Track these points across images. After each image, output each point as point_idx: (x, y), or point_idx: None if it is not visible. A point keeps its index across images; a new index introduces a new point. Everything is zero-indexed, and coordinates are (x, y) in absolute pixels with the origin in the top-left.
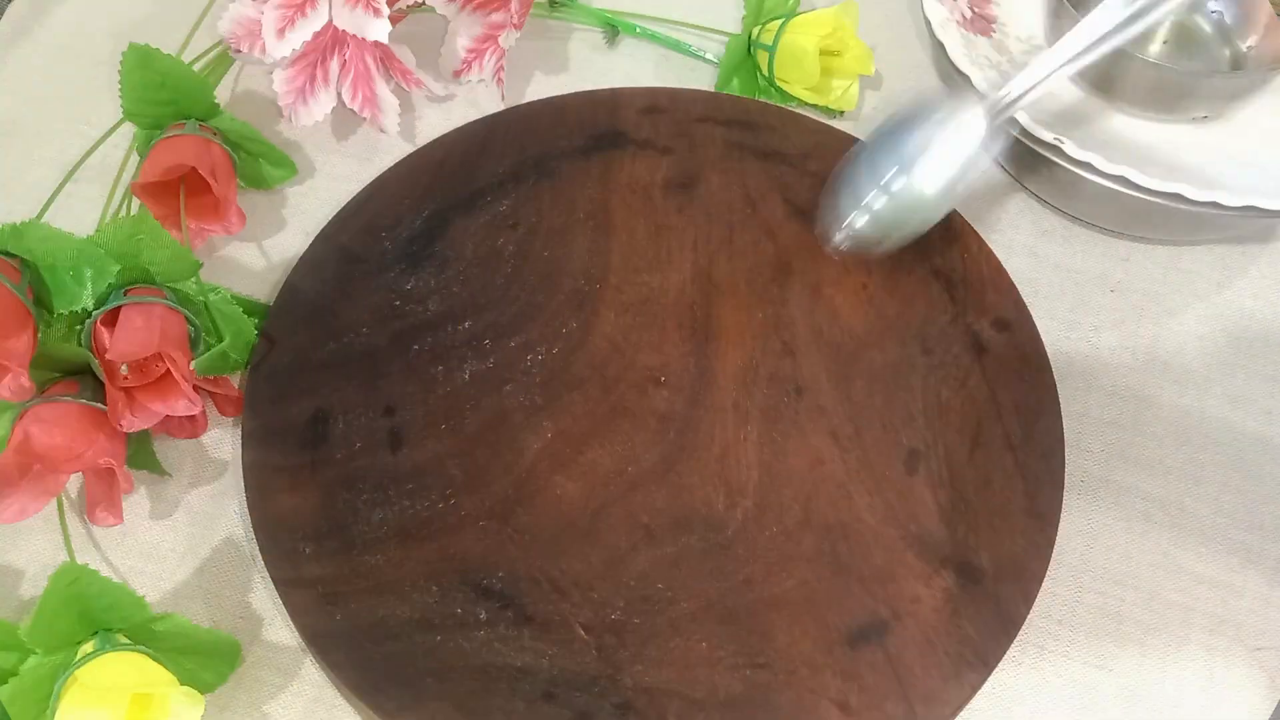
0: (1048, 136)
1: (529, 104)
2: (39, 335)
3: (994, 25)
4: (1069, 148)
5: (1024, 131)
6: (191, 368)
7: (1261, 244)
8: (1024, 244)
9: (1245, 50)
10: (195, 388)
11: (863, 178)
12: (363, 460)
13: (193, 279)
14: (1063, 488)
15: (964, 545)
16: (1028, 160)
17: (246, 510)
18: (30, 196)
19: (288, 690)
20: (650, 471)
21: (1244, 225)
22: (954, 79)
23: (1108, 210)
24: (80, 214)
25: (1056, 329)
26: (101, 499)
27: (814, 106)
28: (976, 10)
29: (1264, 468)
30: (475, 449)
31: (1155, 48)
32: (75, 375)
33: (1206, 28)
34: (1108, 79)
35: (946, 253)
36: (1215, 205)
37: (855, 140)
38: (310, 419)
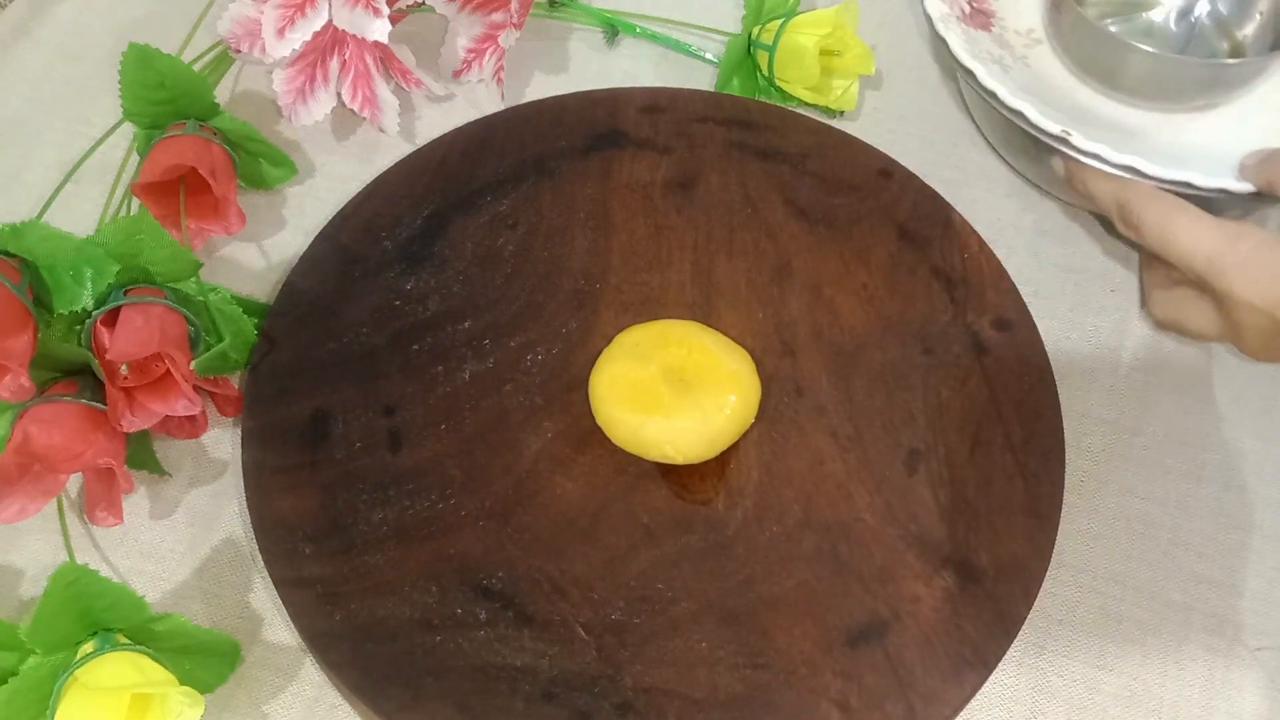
0: (1055, 129)
1: (529, 104)
2: (39, 335)
3: (993, 20)
4: (1076, 139)
5: (1031, 124)
6: (191, 367)
7: None
8: (1024, 244)
9: (1241, 39)
10: (195, 388)
11: None
12: (363, 460)
13: (193, 279)
14: (1063, 488)
15: (964, 545)
16: (1031, 152)
17: (246, 510)
18: (30, 196)
19: (288, 690)
20: (650, 471)
21: (1246, 211)
22: (957, 75)
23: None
24: (80, 214)
25: (1056, 329)
26: (101, 499)
27: (814, 106)
28: (975, 5)
29: (1264, 468)
30: (475, 449)
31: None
32: (75, 375)
33: (1205, 20)
34: (1109, 70)
35: (946, 253)
36: (1223, 192)
37: (855, 140)
38: (310, 419)
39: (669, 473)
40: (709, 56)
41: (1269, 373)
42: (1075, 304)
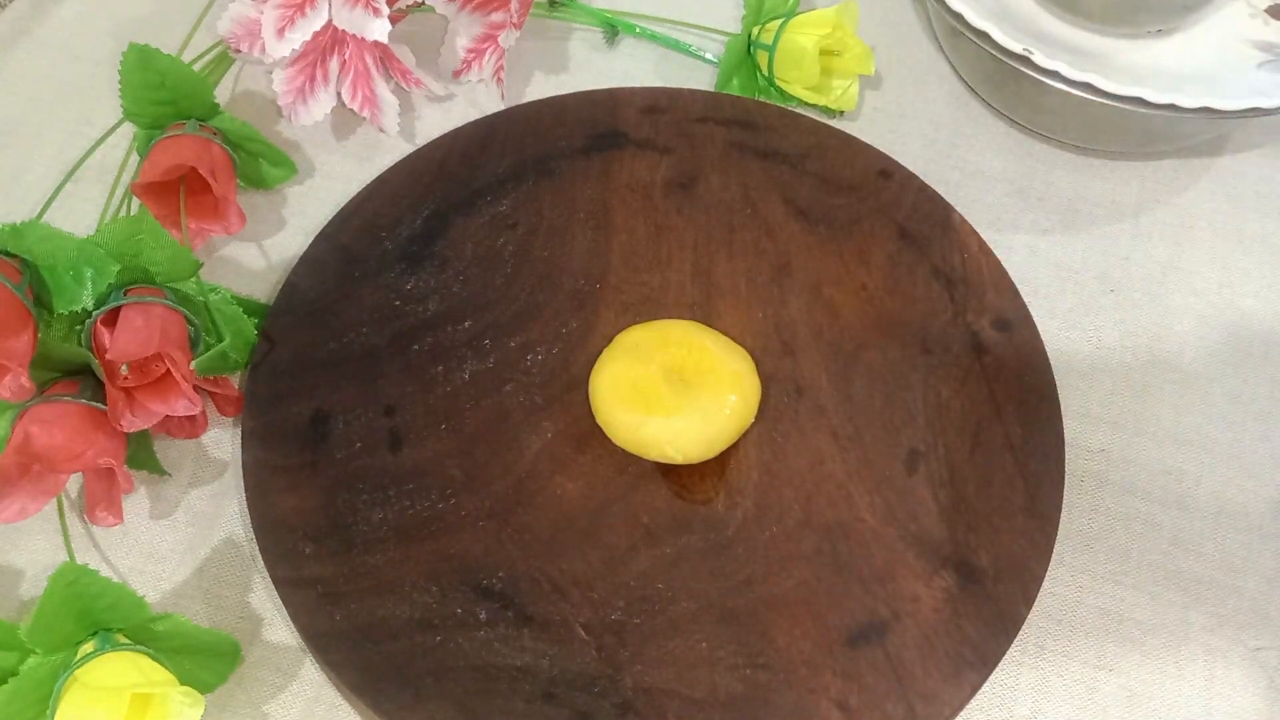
0: (1017, 47)
1: (529, 104)
2: (39, 335)
3: None
4: (1037, 57)
5: (994, 44)
6: (191, 368)
7: (1257, 242)
8: (1024, 244)
9: None
10: (195, 388)
11: None
12: (363, 460)
13: (193, 279)
14: (1063, 488)
15: (964, 545)
16: (996, 77)
17: (246, 510)
18: (30, 196)
19: (287, 690)
20: (650, 471)
21: (1199, 131)
22: (961, 37)
23: (1071, 122)
24: (80, 214)
25: (1056, 329)
26: (101, 499)
27: (814, 106)
28: None
29: (1264, 468)
30: (475, 449)
31: None
32: (75, 375)
33: None
34: None
35: (946, 253)
36: (1173, 108)
37: (855, 140)
38: (310, 419)
39: (669, 473)
40: (709, 56)
41: (1269, 373)
42: (1075, 304)
